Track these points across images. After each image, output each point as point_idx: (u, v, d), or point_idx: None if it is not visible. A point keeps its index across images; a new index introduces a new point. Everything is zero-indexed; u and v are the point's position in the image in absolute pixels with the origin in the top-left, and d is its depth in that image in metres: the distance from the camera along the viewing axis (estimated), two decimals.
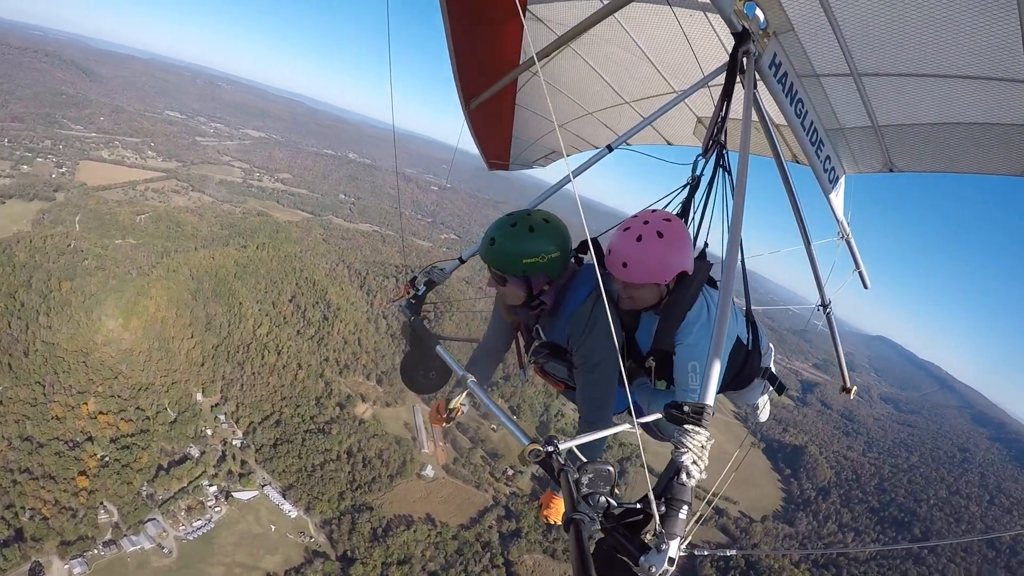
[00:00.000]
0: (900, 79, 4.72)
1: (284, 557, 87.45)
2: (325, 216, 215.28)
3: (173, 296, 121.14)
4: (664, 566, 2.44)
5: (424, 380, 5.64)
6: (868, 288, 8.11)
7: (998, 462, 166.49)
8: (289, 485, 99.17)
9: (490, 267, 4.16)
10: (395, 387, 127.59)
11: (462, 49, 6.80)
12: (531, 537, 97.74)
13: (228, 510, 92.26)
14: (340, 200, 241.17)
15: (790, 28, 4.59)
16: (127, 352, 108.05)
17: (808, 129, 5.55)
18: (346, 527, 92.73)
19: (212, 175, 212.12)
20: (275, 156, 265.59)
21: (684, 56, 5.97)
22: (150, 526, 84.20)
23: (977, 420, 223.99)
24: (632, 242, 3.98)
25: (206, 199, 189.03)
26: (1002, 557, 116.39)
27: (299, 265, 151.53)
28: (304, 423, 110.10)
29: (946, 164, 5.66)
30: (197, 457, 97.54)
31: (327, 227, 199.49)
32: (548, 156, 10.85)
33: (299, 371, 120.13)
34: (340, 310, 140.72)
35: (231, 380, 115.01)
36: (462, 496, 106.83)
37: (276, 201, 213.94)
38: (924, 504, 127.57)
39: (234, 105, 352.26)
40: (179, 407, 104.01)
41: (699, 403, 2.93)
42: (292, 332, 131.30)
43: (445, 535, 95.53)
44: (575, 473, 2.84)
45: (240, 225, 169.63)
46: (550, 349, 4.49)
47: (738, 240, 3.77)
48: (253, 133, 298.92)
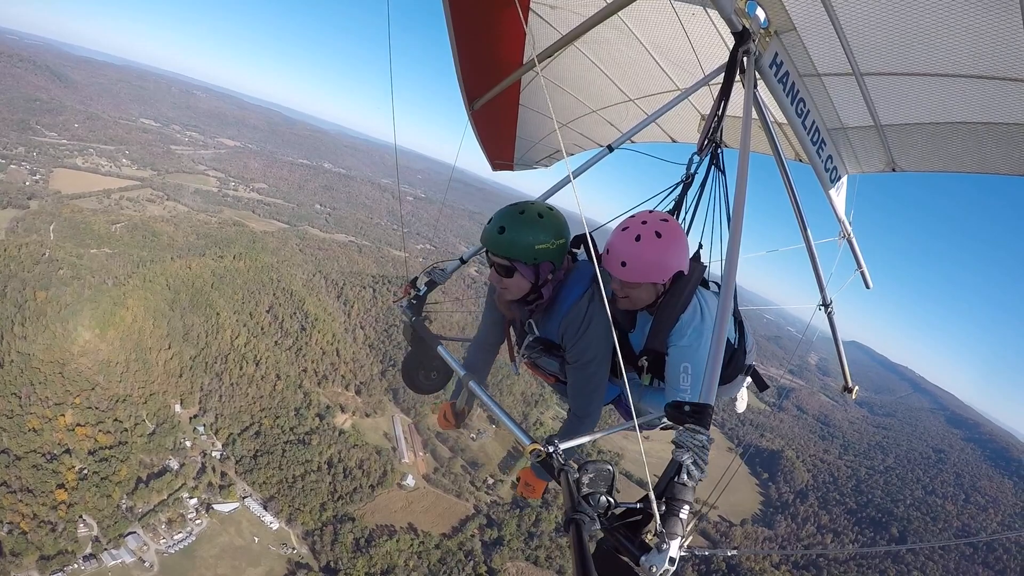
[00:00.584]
0: (902, 78, 4.73)
1: (267, 569, 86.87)
2: (301, 226, 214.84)
3: (150, 306, 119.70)
4: (665, 566, 2.46)
5: (425, 381, 5.62)
6: (870, 288, 8.13)
7: (972, 462, 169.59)
8: (270, 497, 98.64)
9: (496, 257, 4.09)
10: (374, 397, 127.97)
11: (465, 50, 6.81)
12: (513, 545, 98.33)
13: (209, 523, 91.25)
14: (316, 210, 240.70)
15: (792, 27, 4.60)
16: (104, 363, 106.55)
17: (809, 128, 5.58)
18: (328, 538, 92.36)
19: (187, 184, 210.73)
20: (251, 166, 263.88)
21: (687, 53, 6.00)
22: (130, 540, 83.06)
23: (951, 421, 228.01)
24: (631, 241, 4.00)
25: (181, 208, 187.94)
26: (979, 554, 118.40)
27: (276, 276, 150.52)
28: (284, 434, 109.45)
29: (949, 163, 5.66)
30: (177, 469, 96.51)
31: (303, 237, 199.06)
32: (552, 156, 10.76)
33: (278, 382, 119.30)
34: (318, 321, 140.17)
35: (209, 391, 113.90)
36: (443, 505, 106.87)
37: (252, 211, 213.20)
38: (901, 504, 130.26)
39: (209, 113, 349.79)
40: (157, 419, 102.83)
41: (700, 403, 2.96)
42: (270, 343, 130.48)
43: (428, 544, 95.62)
44: (575, 473, 2.87)
45: (216, 235, 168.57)
46: (543, 345, 4.49)
47: (738, 239, 3.77)
48: (228, 142, 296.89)
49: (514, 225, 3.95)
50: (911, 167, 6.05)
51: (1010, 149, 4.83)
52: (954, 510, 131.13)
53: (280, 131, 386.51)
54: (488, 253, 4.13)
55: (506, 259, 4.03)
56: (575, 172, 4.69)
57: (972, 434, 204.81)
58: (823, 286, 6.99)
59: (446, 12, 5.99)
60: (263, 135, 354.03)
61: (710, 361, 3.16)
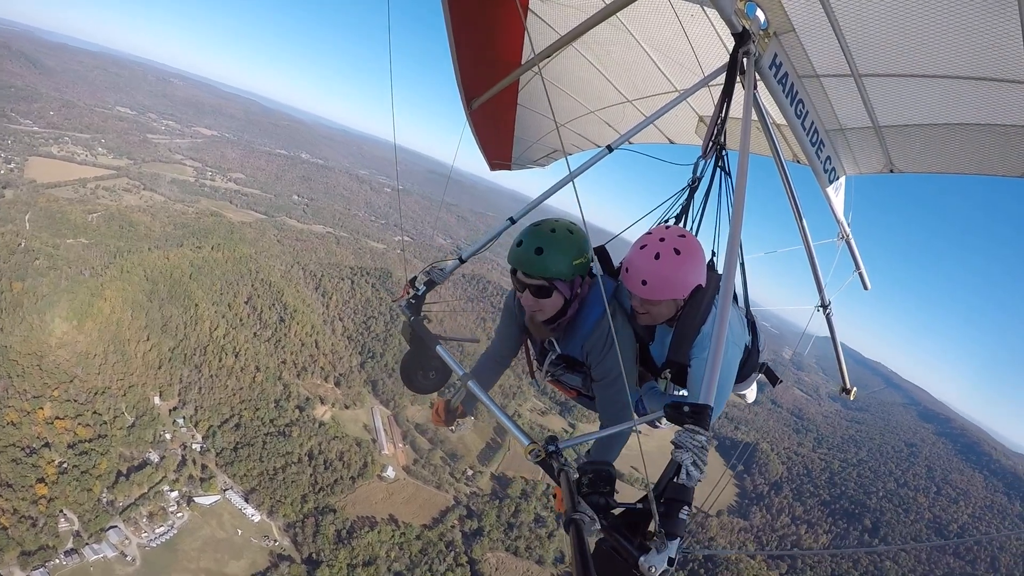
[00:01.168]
0: (901, 80, 4.76)
1: (249, 561, 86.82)
2: (279, 217, 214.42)
3: (128, 297, 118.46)
4: (664, 566, 2.45)
5: (424, 380, 5.54)
6: (868, 289, 8.17)
7: (944, 455, 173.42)
8: (251, 489, 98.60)
9: (531, 279, 4.03)
10: (353, 389, 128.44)
11: (464, 49, 6.81)
12: (493, 535, 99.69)
13: (190, 515, 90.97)
14: (294, 201, 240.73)
15: (791, 28, 4.63)
16: (82, 355, 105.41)
17: (808, 129, 5.60)
18: (310, 530, 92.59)
19: (164, 173, 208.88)
20: (228, 155, 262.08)
21: (686, 55, 6.01)
22: (112, 534, 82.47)
23: (923, 416, 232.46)
24: (650, 260, 3.99)
25: (158, 198, 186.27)
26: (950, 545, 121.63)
27: (254, 267, 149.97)
28: (264, 426, 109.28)
29: (946, 165, 5.71)
30: (157, 462, 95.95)
31: (281, 228, 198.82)
32: (550, 155, 10.86)
33: (257, 374, 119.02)
34: (296, 312, 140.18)
35: (189, 383, 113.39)
36: (423, 496, 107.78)
37: (229, 201, 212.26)
38: (874, 496, 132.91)
39: (186, 102, 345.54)
40: (137, 411, 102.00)
41: (699, 403, 2.95)
42: (249, 334, 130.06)
43: (409, 535, 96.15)
44: (575, 473, 2.93)
45: (194, 225, 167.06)
46: (566, 362, 4.51)
47: (738, 240, 3.77)
48: (205, 131, 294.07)
49: (551, 245, 3.94)
50: (909, 168, 6.09)
51: (1007, 151, 4.88)
52: (926, 502, 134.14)
53: (257, 120, 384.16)
54: (518, 275, 4.08)
55: (544, 279, 4.00)
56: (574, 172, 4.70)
57: (944, 428, 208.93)
58: (822, 287, 7.02)
59: (445, 12, 6.01)
60: (240, 124, 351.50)
61: (710, 361, 3.16)
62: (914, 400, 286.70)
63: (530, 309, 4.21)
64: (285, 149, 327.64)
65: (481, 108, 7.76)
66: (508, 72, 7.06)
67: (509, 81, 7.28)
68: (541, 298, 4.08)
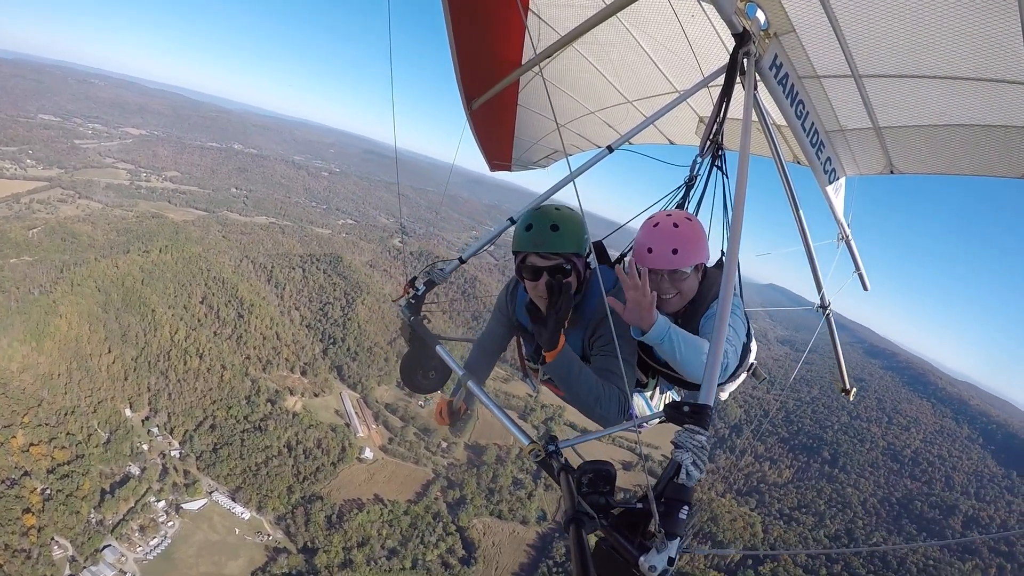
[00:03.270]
0: (901, 80, 4.78)
1: (247, 559, 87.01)
2: (220, 212, 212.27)
3: (83, 311, 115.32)
4: (664, 566, 2.48)
5: (424, 380, 5.59)
6: (868, 290, 8.15)
7: (892, 388, 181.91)
8: (237, 487, 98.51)
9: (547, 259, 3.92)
10: (319, 377, 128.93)
11: (464, 50, 6.84)
12: (476, 502, 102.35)
13: (181, 523, 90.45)
14: (232, 194, 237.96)
15: (791, 29, 4.64)
16: (46, 376, 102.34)
17: (809, 130, 5.62)
18: (301, 519, 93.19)
19: (97, 180, 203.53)
20: (159, 154, 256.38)
21: (686, 56, 6.04)
22: (107, 553, 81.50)
23: (869, 353, 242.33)
24: (671, 229, 4.05)
25: (95, 205, 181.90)
26: (906, 468, 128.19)
27: (205, 265, 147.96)
28: (239, 423, 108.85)
29: (947, 166, 5.75)
30: (138, 475, 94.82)
31: (224, 223, 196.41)
32: (550, 156, 10.89)
33: (224, 372, 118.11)
34: (253, 306, 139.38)
35: (157, 391, 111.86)
36: (404, 473, 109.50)
37: (168, 201, 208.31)
38: (829, 430, 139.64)
39: (110, 103, 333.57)
40: (110, 426, 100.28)
41: (699, 404, 2.97)
42: (210, 334, 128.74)
43: (396, 512, 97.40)
44: (575, 473, 2.92)
45: (137, 230, 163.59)
46: None
47: (738, 240, 3.83)
48: (133, 131, 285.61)
49: (563, 221, 3.92)
50: (909, 169, 6.16)
51: (1008, 152, 4.94)
52: (879, 431, 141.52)
53: (185, 115, 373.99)
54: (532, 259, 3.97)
55: (562, 256, 3.92)
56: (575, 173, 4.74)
57: (890, 363, 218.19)
58: (821, 288, 7.02)
59: (445, 12, 6.05)
60: (168, 120, 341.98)
61: (709, 362, 3.19)
62: (860, 339, 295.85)
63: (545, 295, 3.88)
64: (217, 142, 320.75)
65: (481, 108, 7.79)
66: (508, 72, 7.14)
67: (509, 81, 7.35)
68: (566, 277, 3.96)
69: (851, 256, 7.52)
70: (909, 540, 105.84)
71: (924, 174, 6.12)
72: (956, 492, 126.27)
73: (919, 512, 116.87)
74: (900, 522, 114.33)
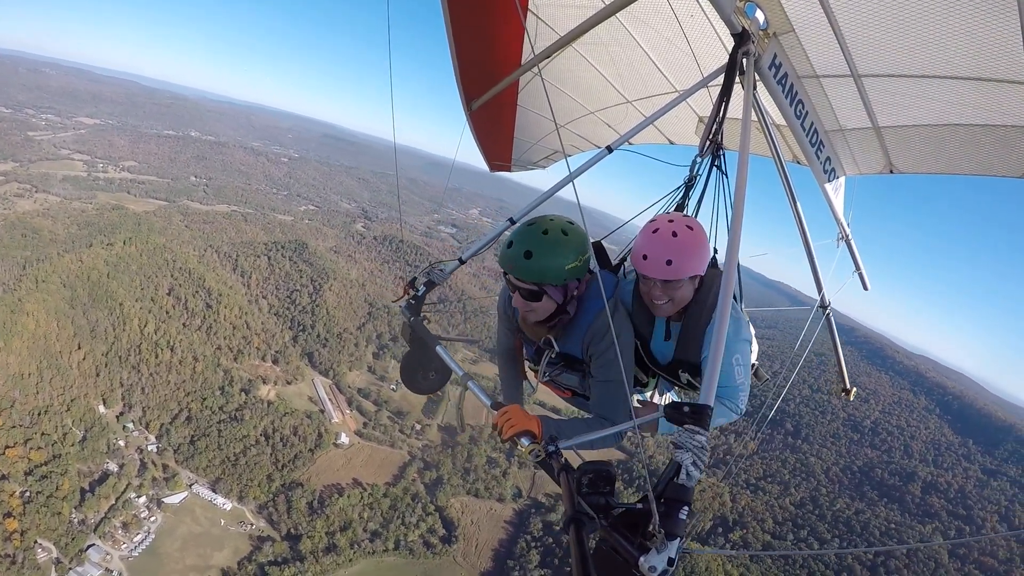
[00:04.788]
0: (900, 80, 4.78)
1: (232, 550, 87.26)
2: (180, 201, 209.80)
3: (50, 308, 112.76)
4: (664, 566, 2.49)
5: (424, 381, 5.42)
6: (868, 290, 8.13)
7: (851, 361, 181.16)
8: (216, 478, 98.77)
9: (521, 282, 3.84)
10: (291, 364, 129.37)
11: (464, 51, 6.82)
12: (453, 482, 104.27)
13: (164, 517, 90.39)
14: (192, 183, 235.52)
15: (790, 29, 4.63)
16: (16, 376, 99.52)
17: (808, 130, 5.58)
18: (283, 507, 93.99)
19: (54, 172, 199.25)
20: (116, 143, 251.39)
21: (686, 56, 6.01)
22: (92, 553, 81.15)
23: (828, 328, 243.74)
24: (669, 239, 3.97)
25: (53, 199, 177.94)
26: (867, 437, 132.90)
27: (169, 256, 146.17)
28: (215, 414, 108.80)
29: (946, 166, 5.75)
30: (117, 471, 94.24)
31: (185, 213, 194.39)
32: (550, 156, 10.83)
33: (196, 363, 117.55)
34: (221, 296, 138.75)
35: (130, 386, 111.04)
36: (380, 456, 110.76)
37: (127, 192, 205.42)
38: (791, 403, 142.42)
39: (63, 92, 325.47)
40: (84, 424, 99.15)
41: (699, 404, 2.97)
42: (179, 325, 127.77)
43: (376, 495, 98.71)
44: (575, 473, 2.91)
45: (98, 223, 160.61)
46: (565, 360, 4.36)
47: (738, 240, 3.81)
48: (88, 120, 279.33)
49: (542, 249, 3.73)
50: (908, 169, 6.16)
51: (1007, 151, 4.95)
52: (839, 404, 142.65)
53: (140, 102, 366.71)
54: (509, 277, 3.92)
55: (534, 284, 3.81)
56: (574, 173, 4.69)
57: (849, 338, 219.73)
58: (821, 288, 6.96)
59: (444, 13, 6.06)
60: (123, 108, 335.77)
61: (709, 362, 3.20)
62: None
63: (522, 311, 4.05)
64: (173, 129, 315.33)
65: (481, 109, 7.74)
66: (508, 73, 7.05)
67: (509, 82, 7.29)
68: (532, 301, 3.91)
69: (851, 256, 7.50)
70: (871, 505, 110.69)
71: (924, 174, 6.14)
72: (915, 460, 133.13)
73: (880, 479, 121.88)
74: (862, 488, 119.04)
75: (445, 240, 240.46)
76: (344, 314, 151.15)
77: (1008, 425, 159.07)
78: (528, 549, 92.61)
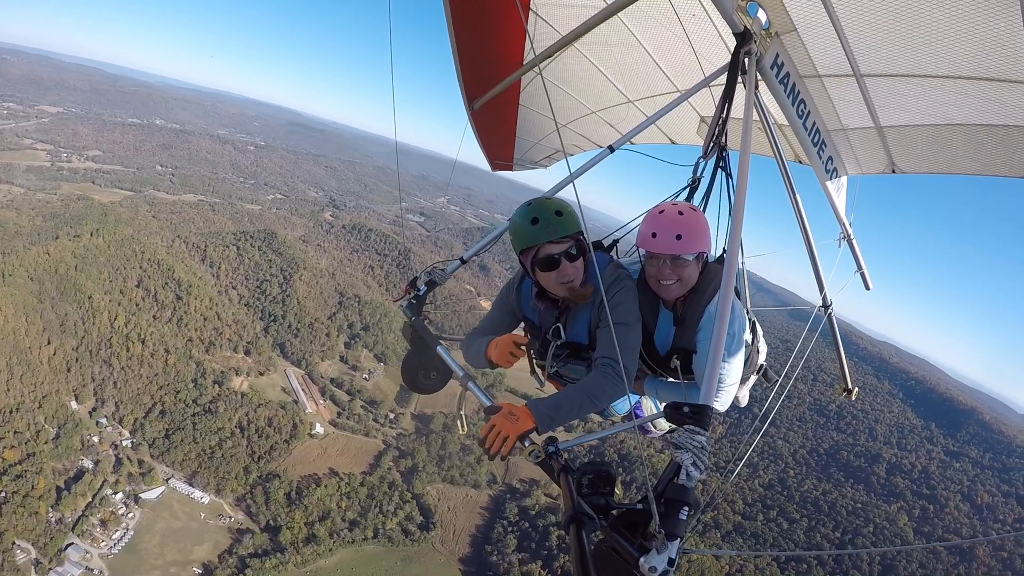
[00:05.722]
0: (903, 80, 4.78)
1: (212, 544, 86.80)
2: (147, 191, 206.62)
3: (17, 302, 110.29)
4: (664, 567, 2.49)
5: (425, 380, 5.36)
6: (870, 289, 8.10)
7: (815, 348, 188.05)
8: (193, 472, 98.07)
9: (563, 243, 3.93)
10: (263, 355, 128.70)
11: (465, 51, 6.85)
12: (428, 469, 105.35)
13: (142, 513, 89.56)
14: (158, 172, 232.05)
15: (792, 28, 4.64)
16: None
17: (810, 130, 5.59)
18: (261, 498, 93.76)
19: (16, 162, 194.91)
20: (79, 132, 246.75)
21: (687, 55, 6.04)
22: (71, 552, 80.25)
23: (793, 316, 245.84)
24: (676, 216, 4.06)
25: (16, 190, 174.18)
26: (832, 421, 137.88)
27: (138, 248, 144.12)
28: (189, 407, 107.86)
29: (949, 165, 5.76)
30: (93, 468, 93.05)
31: (152, 203, 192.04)
32: (551, 156, 10.79)
33: (168, 356, 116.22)
34: (191, 287, 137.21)
35: (102, 380, 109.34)
36: (355, 446, 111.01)
37: (92, 182, 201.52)
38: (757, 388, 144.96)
39: (24, 79, 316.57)
40: (57, 421, 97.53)
41: (699, 404, 3.00)
42: (149, 318, 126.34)
43: (353, 484, 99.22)
44: (576, 474, 2.94)
45: (64, 214, 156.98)
46: (571, 348, 4.38)
47: (738, 239, 3.82)
48: (50, 109, 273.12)
49: (559, 206, 3.97)
50: (911, 169, 6.18)
51: (1010, 151, 4.96)
52: (805, 388, 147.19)
53: (103, 90, 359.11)
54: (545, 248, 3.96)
55: (571, 237, 3.94)
56: (576, 173, 4.76)
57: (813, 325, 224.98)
58: (823, 287, 6.93)
59: (446, 12, 6.05)
60: (86, 96, 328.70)
61: (709, 362, 3.22)
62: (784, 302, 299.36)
63: (570, 277, 4.02)
64: (138, 117, 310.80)
65: (483, 108, 7.76)
66: (509, 72, 7.07)
67: (510, 81, 7.29)
68: (575, 261, 3.99)
69: (853, 255, 7.51)
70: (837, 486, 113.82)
71: (926, 173, 6.13)
72: (879, 442, 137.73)
73: (846, 461, 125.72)
74: (829, 470, 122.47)
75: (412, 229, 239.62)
76: (315, 304, 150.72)
77: (969, 409, 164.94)
78: (505, 534, 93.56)
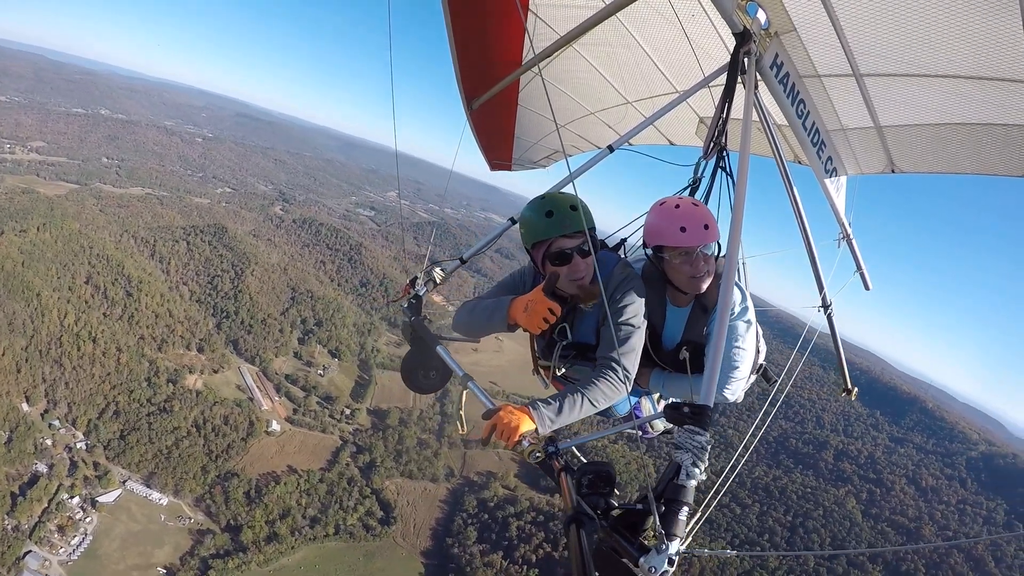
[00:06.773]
0: (902, 79, 4.81)
1: (173, 546, 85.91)
2: (93, 184, 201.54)
3: None
4: (664, 567, 2.49)
5: (424, 380, 5.32)
6: (870, 289, 8.02)
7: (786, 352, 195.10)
8: (150, 473, 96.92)
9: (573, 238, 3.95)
10: (216, 352, 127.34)
11: (464, 50, 6.84)
12: (386, 464, 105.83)
13: (100, 517, 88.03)
14: (104, 164, 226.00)
15: (792, 28, 4.63)
16: None
17: (810, 130, 5.56)
18: (220, 498, 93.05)
19: None
20: (22, 122, 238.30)
21: (686, 56, 5.99)
22: (30, 560, 78.55)
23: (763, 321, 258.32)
24: (694, 208, 4.11)
25: None
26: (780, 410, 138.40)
27: (86, 243, 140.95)
28: (143, 407, 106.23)
29: (948, 165, 5.75)
30: (47, 472, 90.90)
31: (99, 196, 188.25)
32: (550, 156, 10.74)
33: (120, 355, 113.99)
34: (142, 283, 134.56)
35: (53, 381, 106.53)
36: (313, 442, 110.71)
37: (36, 174, 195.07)
38: None
39: None
40: (8, 424, 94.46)
41: (699, 404, 2.99)
42: (100, 315, 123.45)
43: (312, 481, 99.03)
44: (576, 474, 2.94)
45: (8, 208, 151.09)
46: (577, 349, 4.38)
47: (738, 240, 3.77)
48: None
49: (573, 201, 3.97)
50: (911, 168, 6.15)
51: (1009, 150, 4.95)
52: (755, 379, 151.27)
53: (47, 78, 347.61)
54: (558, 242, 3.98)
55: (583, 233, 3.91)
56: (575, 173, 4.76)
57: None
58: (823, 288, 6.83)
59: (445, 12, 6.07)
60: (29, 84, 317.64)
61: (709, 362, 3.22)
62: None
63: (581, 274, 4.04)
64: (83, 107, 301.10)
65: (481, 108, 7.73)
66: (508, 72, 7.03)
67: (509, 81, 7.26)
68: (587, 257, 4.00)
69: (852, 255, 7.47)
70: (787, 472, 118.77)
71: (925, 173, 6.12)
72: (827, 430, 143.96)
73: (794, 448, 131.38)
74: (778, 457, 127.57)
75: (364, 223, 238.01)
76: (267, 299, 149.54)
77: (912, 397, 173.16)
78: (465, 526, 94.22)
